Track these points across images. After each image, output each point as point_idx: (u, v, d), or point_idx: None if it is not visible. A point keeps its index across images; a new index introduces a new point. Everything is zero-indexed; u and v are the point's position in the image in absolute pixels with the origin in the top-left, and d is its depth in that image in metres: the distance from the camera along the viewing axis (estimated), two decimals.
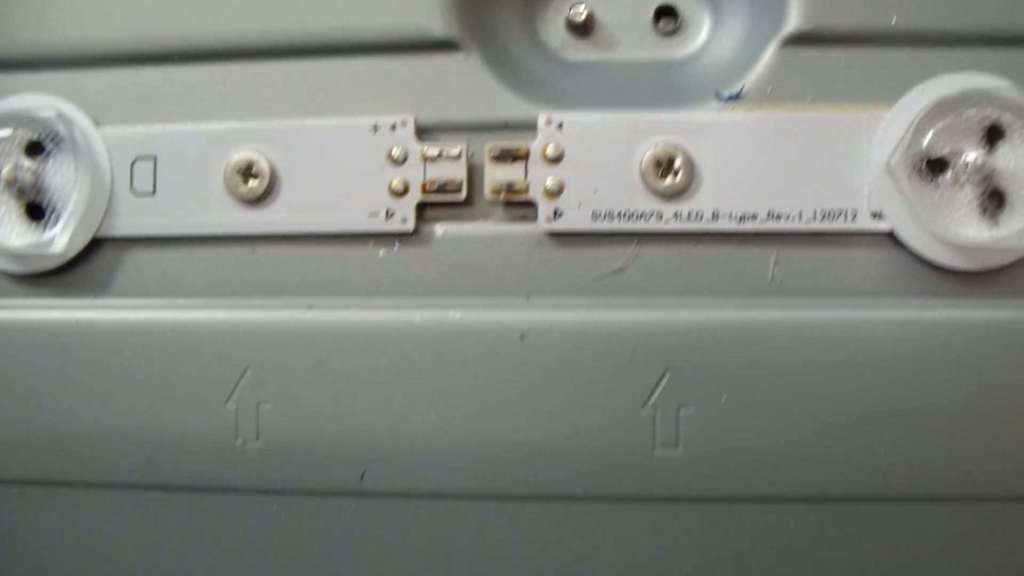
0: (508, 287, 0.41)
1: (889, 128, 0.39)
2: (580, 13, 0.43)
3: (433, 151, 0.41)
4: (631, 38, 0.43)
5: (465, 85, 0.41)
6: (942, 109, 0.38)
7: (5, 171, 0.42)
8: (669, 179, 0.40)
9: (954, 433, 0.39)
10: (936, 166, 0.39)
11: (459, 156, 0.41)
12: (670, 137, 0.40)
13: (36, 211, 0.43)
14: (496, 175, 0.40)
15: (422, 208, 0.41)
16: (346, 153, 0.41)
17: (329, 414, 0.41)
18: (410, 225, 0.41)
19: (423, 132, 0.41)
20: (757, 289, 0.40)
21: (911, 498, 0.39)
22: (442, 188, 0.41)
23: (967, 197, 0.39)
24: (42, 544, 0.44)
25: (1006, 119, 0.38)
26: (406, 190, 0.41)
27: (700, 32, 0.43)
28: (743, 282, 0.40)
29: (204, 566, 0.43)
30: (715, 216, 0.40)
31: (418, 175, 0.41)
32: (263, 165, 0.42)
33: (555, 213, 0.40)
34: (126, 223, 0.43)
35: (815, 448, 0.39)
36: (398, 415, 0.40)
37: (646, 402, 0.39)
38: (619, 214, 0.40)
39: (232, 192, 0.42)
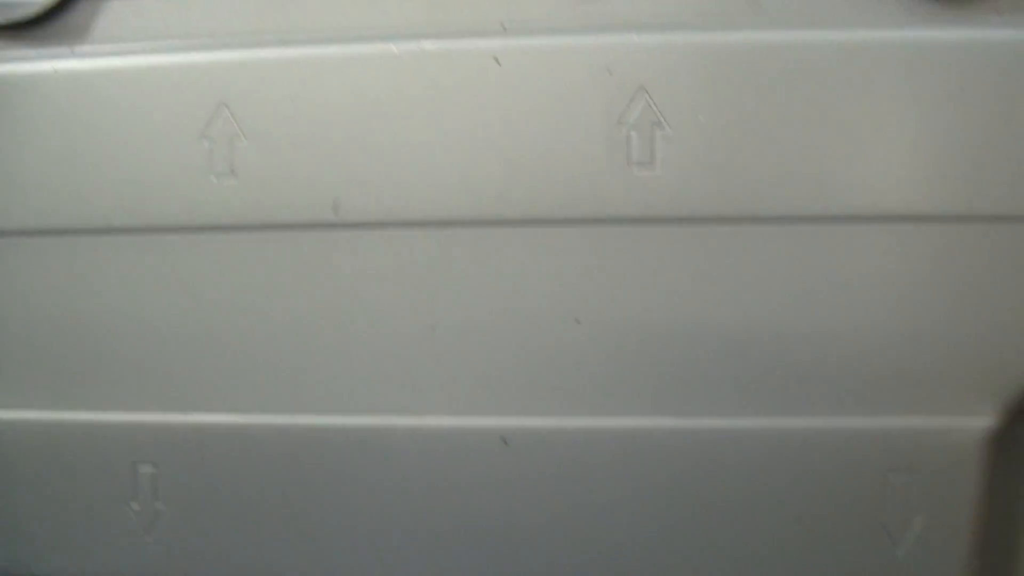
0: (483, 16, 0.40)
1: None
2: None
3: None
4: None
5: None
6: None
7: None
8: None
9: (938, 152, 0.38)
10: None
11: None
12: None
13: None
14: None
15: None
16: None
17: (304, 146, 0.40)
18: None
19: None
20: (736, 11, 0.40)
21: (893, 216, 0.39)
22: None
23: None
24: (25, 292, 0.43)
25: None
26: None
27: None
28: (722, 4, 0.40)
29: (181, 305, 0.42)
30: None
31: None
32: None
33: None
34: None
35: (796, 165, 0.38)
36: (373, 144, 0.40)
37: (620, 120, 0.39)
38: None
39: None
